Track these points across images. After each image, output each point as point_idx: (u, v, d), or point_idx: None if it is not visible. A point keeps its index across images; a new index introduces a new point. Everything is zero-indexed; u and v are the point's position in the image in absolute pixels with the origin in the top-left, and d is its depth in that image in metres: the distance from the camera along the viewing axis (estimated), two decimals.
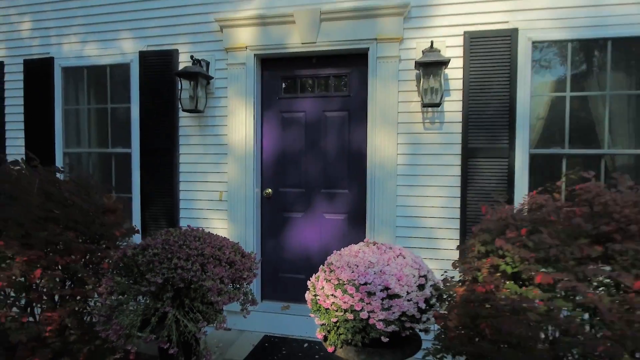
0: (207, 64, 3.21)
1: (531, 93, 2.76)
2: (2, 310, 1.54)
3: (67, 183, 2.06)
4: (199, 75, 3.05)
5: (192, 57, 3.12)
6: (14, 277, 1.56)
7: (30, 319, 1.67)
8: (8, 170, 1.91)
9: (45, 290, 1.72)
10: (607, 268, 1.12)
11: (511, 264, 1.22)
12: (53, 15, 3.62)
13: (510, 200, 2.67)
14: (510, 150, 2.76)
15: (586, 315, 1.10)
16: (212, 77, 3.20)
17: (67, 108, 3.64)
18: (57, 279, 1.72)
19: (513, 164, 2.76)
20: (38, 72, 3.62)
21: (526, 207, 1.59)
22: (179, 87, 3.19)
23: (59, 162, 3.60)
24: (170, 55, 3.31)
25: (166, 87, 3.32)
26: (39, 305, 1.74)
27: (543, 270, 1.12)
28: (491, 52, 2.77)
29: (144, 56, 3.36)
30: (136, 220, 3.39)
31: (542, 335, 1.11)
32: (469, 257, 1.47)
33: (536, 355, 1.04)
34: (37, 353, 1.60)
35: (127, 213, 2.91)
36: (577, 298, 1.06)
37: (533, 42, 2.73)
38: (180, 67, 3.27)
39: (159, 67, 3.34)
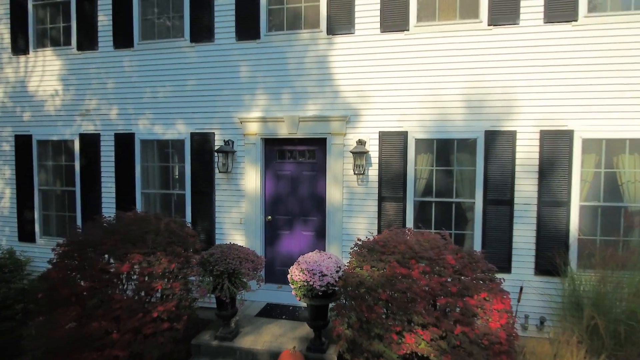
0: (233, 142, 5.55)
1: (415, 166, 5.10)
2: (161, 281, 3.86)
3: (171, 222, 4.38)
4: (228, 152, 5.38)
5: (224, 140, 5.48)
6: (164, 268, 3.89)
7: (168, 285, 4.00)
8: (149, 219, 4.25)
9: (174, 273, 4.04)
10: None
11: (356, 262, 3.58)
12: (133, 105, 5.95)
13: (404, 226, 5.02)
14: (404, 198, 5.11)
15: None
16: (235, 151, 5.54)
17: (143, 165, 5.97)
18: (179, 269, 4.06)
19: (405, 206, 5.11)
20: (124, 142, 5.95)
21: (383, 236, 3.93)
22: (216, 157, 5.52)
23: (138, 199, 5.93)
24: (209, 136, 5.65)
25: (207, 155, 5.66)
26: (172, 279, 4.07)
27: (366, 263, 3.48)
28: (393, 143, 5.11)
29: (192, 136, 5.70)
30: None
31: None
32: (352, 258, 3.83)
33: (351, 295, 3.36)
34: (172, 299, 3.94)
35: None
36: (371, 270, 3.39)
37: (415, 139, 5.07)
38: (216, 144, 5.62)
39: (202, 142, 5.67)
